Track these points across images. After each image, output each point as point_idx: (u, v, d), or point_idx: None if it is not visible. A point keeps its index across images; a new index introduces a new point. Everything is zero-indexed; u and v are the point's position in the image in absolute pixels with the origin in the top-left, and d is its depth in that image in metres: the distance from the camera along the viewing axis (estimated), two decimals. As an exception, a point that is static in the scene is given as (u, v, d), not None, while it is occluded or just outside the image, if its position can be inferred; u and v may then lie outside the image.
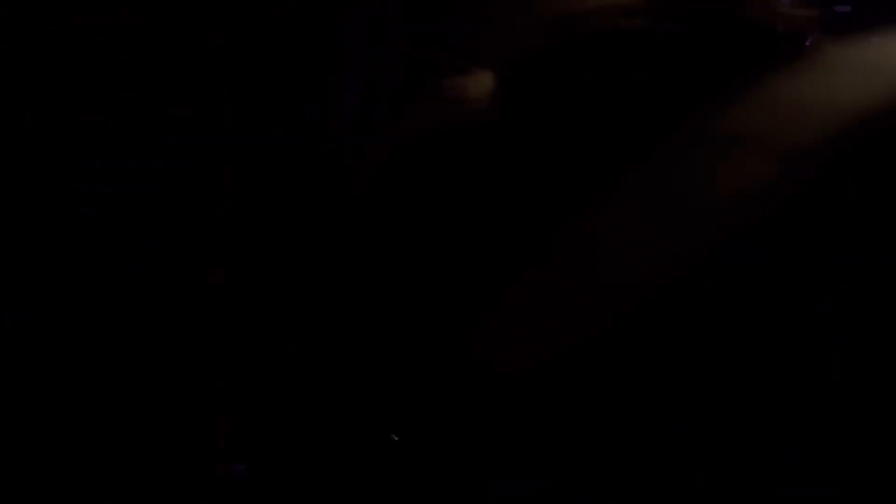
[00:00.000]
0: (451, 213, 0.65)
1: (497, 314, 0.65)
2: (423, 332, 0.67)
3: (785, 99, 0.66)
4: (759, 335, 0.64)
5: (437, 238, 0.65)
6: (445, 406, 0.67)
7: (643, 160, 0.63)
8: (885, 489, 0.65)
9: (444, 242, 0.65)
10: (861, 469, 0.67)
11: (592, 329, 0.64)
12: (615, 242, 0.64)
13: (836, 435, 0.67)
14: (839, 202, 0.65)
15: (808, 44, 0.66)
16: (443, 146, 0.67)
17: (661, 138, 0.62)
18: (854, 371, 0.66)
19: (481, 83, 0.68)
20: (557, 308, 0.66)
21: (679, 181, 0.64)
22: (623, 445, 0.64)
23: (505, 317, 0.65)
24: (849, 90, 0.66)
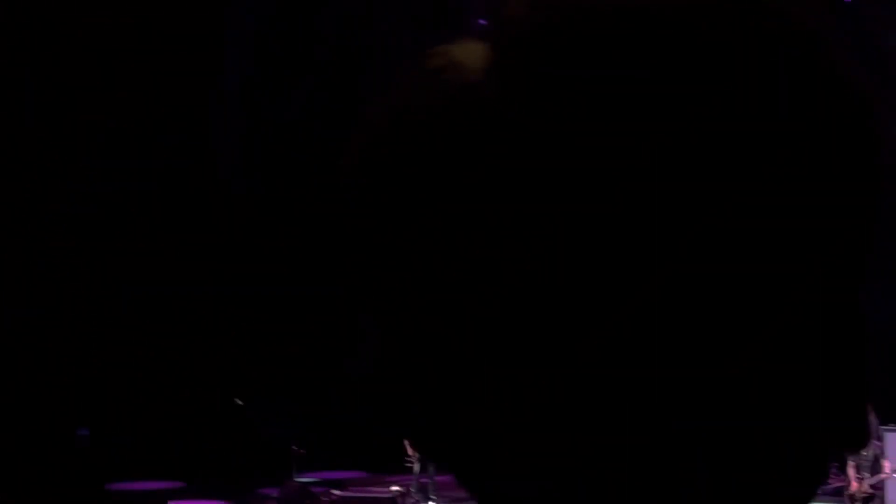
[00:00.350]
0: (446, 209, 0.65)
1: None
2: (418, 332, 0.67)
3: None
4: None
5: (433, 234, 0.65)
6: (444, 405, 0.67)
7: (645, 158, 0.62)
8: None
9: (440, 238, 0.65)
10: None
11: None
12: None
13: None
14: None
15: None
16: (435, 127, 0.66)
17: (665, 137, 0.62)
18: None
19: (473, 53, 0.67)
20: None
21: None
22: (623, 445, 0.64)
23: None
24: None
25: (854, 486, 13.73)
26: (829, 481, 13.79)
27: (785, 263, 0.63)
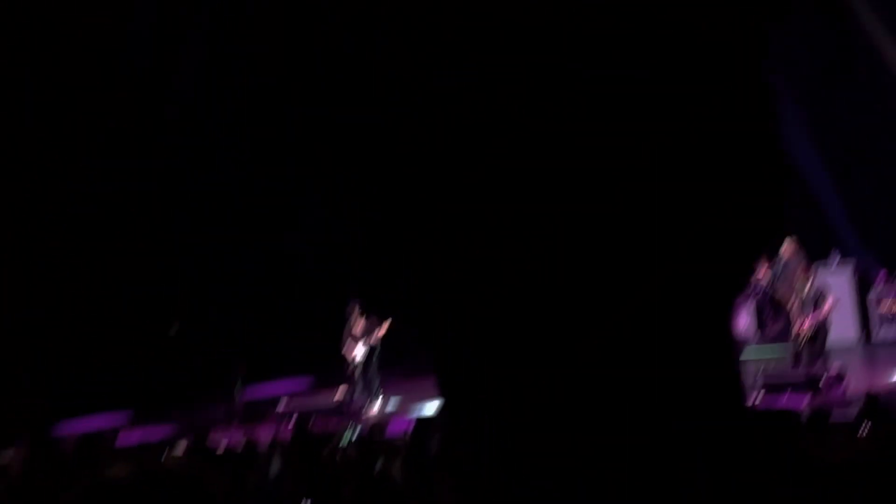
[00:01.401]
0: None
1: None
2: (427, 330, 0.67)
3: None
4: None
5: (433, 234, 0.65)
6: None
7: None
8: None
9: (440, 238, 0.65)
10: None
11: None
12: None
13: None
14: None
15: None
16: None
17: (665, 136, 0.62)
18: None
19: None
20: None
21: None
22: (623, 445, 0.64)
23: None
24: None
25: (804, 325, 13.62)
26: (768, 327, 13.87)
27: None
